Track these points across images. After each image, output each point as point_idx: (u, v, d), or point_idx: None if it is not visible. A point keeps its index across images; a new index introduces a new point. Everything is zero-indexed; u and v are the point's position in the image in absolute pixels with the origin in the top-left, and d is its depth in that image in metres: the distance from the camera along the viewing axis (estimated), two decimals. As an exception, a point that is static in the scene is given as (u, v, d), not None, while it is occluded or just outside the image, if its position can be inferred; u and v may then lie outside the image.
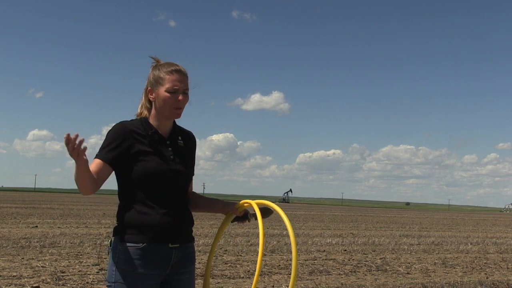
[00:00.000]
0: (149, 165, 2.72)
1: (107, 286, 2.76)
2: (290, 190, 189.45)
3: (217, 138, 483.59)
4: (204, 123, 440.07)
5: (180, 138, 2.89)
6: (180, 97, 2.75)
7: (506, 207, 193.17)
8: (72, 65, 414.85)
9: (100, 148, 2.75)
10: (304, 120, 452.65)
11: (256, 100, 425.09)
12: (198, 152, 3.05)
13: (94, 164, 2.69)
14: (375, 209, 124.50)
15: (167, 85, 2.75)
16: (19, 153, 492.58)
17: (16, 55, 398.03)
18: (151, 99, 2.82)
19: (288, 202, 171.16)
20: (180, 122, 2.95)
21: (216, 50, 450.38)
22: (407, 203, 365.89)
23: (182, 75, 2.78)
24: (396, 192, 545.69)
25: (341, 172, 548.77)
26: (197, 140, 3.03)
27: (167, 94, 2.74)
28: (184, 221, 2.82)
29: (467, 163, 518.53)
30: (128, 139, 2.73)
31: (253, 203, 2.85)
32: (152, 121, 2.82)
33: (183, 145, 2.89)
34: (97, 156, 2.73)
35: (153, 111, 2.82)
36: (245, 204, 2.91)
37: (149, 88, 2.82)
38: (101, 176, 2.70)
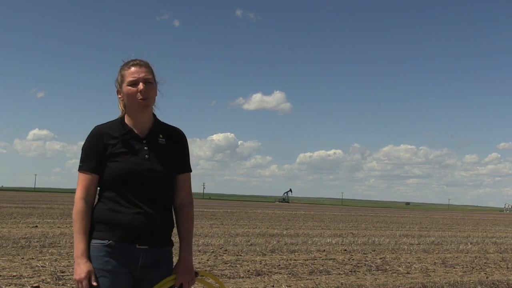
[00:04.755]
0: (121, 166, 2.70)
1: None
2: (290, 190, 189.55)
3: (218, 137, 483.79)
4: (205, 122, 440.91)
5: (161, 136, 2.83)
6: (141, 86, 2.73)
7: (506, 206, 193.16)
8: (74, 65, 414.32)
9: (81, 158, 2.76)
10: (305, 120, 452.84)
11: (257, 100, 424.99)
12: (198, 152, 3.05)
13: (84, 180, 2.72)
14: (375, 209, 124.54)
15: (127, 80, 2.76)
16: (19, 153, 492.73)
17: (18, 55, 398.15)
18: (120, 99, 2.83)
19: (288, 202, 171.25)
20: (180, 120, 2.97)
21: (218, 49, 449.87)
22: (407, 203, 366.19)
23: (140, 67, 2.78)
24: (396, 192, 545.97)
25: (341, 172, 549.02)
26: (198, 139, 3.08)
27: (129, 88, 2.75)
28: (157, 223, 2.73)
29: (468, 163, 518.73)
30: (102, 142, 2.73)
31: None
32: (128, 120, 2.81)
33: (165, 142, 2.82)
34: (82, 169, 2.74)
35: (126, 112, 2.83)
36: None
37: (117, 90, 2.84)
38: (94, 188, 2.75)
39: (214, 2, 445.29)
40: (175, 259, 2.86)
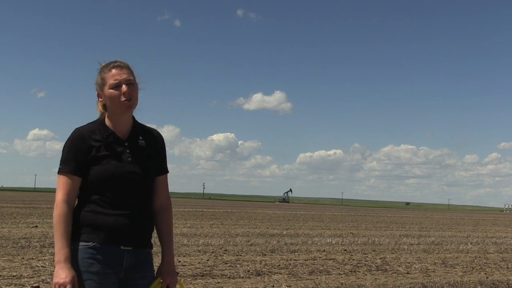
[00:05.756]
0: (105, 169, 2.68)
1: None
2: (290, 190, 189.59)
3: (218, 137, 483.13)
4: (205, 122, 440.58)
5: (141, 137, 2.82)
6: (124, 88, 2.71)
7: (506, 206, 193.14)
8: (74, 65, 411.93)
9: (62, 160, 2.71)
10: (305, 119, 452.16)
11: (258, 100, 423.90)
12: (199, 152, 3.05)
13: (66, 182, 2.67)
14: (375, 209, 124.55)
15: (109, 82, 2.73)
16: (19, 153, 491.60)
17: (18, 55, 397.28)
18: (101, 102, 2.80)
19: (288, 202, 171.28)
20: (180, 120, 2.94)
21: (219, 49, 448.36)
22: (407, 203, 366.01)
23: (121, 69, 2.75)
24: (396, 192, 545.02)
25: (341, 172, 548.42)
26: (198, 139, 3.01)
27: (111, 91, 2.72)
28: (140, 224, 2.74)
29: (468, 163, 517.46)
30: (85, 144, 2.70)
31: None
32: (108, 123, 2.79)
33: (145, 144, 2.82)
34: (62, 172, 2.69)
35: (107, 113, 2.80)
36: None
37: (97, 93, 2.81)
38: (75, 191, 2.70)
39: (215, 2, 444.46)
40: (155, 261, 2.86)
